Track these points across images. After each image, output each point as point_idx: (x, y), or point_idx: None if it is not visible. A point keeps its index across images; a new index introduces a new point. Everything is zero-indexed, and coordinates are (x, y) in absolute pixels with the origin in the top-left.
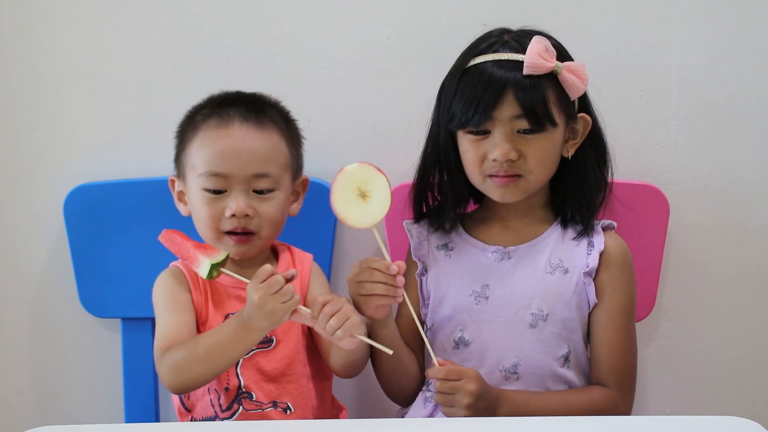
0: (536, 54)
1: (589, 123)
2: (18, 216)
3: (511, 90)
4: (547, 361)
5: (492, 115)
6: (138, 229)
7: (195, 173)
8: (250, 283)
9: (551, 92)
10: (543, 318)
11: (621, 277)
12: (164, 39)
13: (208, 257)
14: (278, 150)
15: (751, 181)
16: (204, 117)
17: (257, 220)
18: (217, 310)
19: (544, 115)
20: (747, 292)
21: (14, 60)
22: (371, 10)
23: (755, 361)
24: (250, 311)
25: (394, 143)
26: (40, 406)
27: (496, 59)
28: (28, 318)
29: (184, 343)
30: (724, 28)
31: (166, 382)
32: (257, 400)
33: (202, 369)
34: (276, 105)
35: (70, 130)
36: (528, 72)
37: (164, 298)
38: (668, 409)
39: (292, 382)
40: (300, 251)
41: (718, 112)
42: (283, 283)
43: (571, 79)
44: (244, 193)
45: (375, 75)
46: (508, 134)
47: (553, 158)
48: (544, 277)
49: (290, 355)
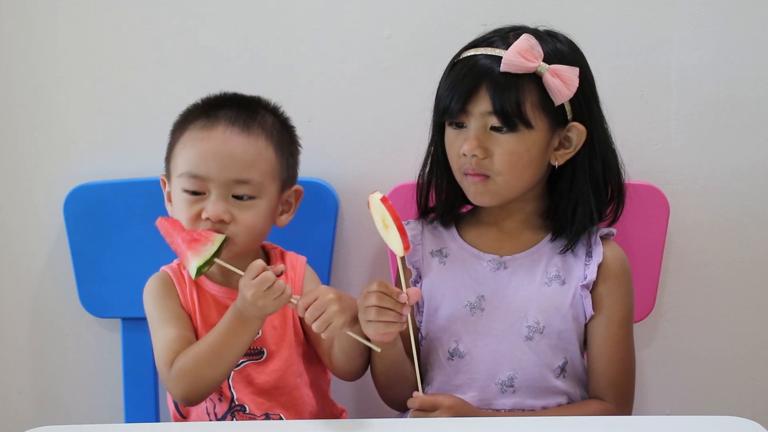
0: (516, 52)
1: (584, 133)
2: (18, 216)
3: (485, 84)
4: (543, 373)
5: (466, 108)
6: (138, 229)
7: (176, 173)
8: (242, 279)
9: (531, 93)
10: (539, 330)
11: (619, 289)
12: (164, 39)
13: (196, 256)
14: (263, 157)
15: (751, 181)
16: (193, 118)
17: (234, 226)
18: (204, 320)
19: (515, 114)
20: (747, 292)
21: (14, 60)
22: (371, 10)
23: (755, 361)
24: (244, 305)
25: (394, 143)
26: (40, 406)
27: (482, 53)
28: (28, 318)
29: (187, 351)
30: (724, 28)
31: (179, 394)
32: (250, 412)
33: (212, 370)
34: (273, 110)
35: (70, 130)
36: (504, 69)
37: (157, 308)
38: (668, 409)
39: (284, 395)
40: (293, 254)
41: (718, 112)
42: (274, 280)
43: (554, 82)
44: (222, 197)
45: (375, 75)
46: (479, 129)
47: (527, 162)
48: (540, 289)
49: (282, 368)
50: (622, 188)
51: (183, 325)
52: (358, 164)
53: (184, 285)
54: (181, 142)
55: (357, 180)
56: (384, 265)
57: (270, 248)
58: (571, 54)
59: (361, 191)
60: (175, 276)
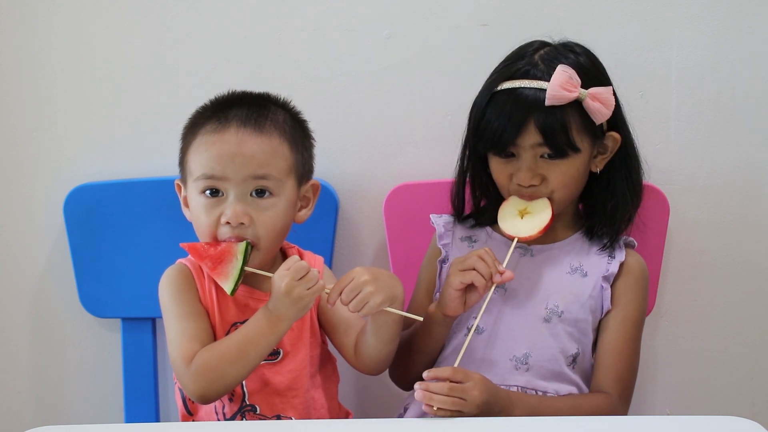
0: (558, 86)
1: (618, 141)
2: (18, 216)
3: (533, 119)
4: (557, 357)
5: (516, 142)
6: (138, 229)
7: (192, 178)
8: (277, 272)
9: (574, 119)
10: (558, 314)
11: (637, 288)
12: (164, 39)
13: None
14: (279, 154)
15: (750, 180)
16: (204, 120)
17: (253, 229)
18: (222, 317)
19: (565, 143)
20: (747, 292)
21: (14, 60)
22: (371, 10)
23: (755, 361)
24: (276, 300)
25: (394, 143)
26: (40, 406)
27: (522, 86)
28: (28, 318)
29: (211, 347)
30: (724, 28)
31: (196, 390)
32: (261, 413)
33: (235, 369)
34: (284, 105)
35: (70, 130)
36: (550, 103)
37: (175, 302)
38: (668, 409)
39: (297, 396)
40: (311, 254)
41: (718, 112)
42: (308, 269)
43: (595, 106)
44: (240, 198)
45: (375, 75)
46: (530, 160)
47: (578, 179)
48: (563, 277)
49: (297, 368)
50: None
51: (202, 320)
52: (358, 164)
53: (203, 279)
54: (194, 145)
55: (357, 180)
56: (384, 265)
57: (287, 247)
58: (593, 67)
59: (361, 191)
60: (194, 269)
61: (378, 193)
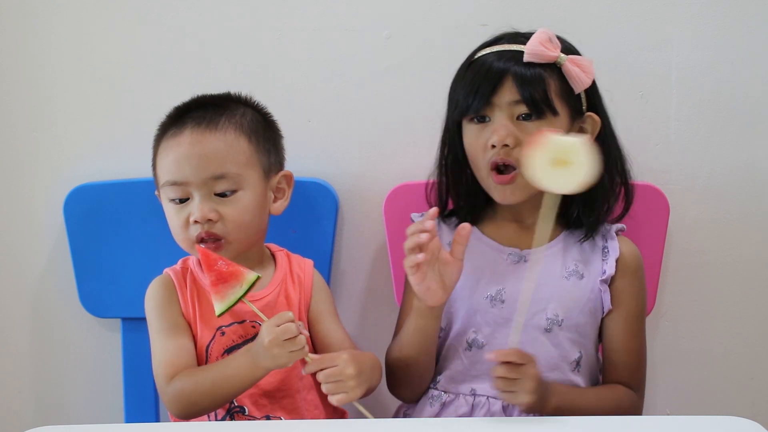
0: (538, 42)
1: (598, 123)
2: (18, 216)
3: (510, 76)
4: (560, 366)
5: (491, 100)
6: (138, 229)
7: (159, 185)
8: (265, 324)
9: (553, 82)
10: (558, 323)
11: (636, 283)
12: (164, 39)
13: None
14: (234, 148)
15: (751, 180)
16: (166, 127)
17: (222, 224)
18: (205, 324)
19: (543, 100)
20: (747, 292)
21: (14, 60)
22: (371, 10)
23: (755, 361)
24: (258, 349)
25: (394, 143)
26: (40, 406)
27: (499, 50)
28: (28, 318)
29: (190, 374)
30: (724, 28)
31: (173, 410)
32: (250, 414)
33: (207, 401)
34: (245, 101)
35: (69, 131)
36: (528, 59)
37: (157, 317)
38: (668, 409)
39: (286, 398)
40: (299, 257)
41: (718, 112)
42: (297, 333)
43: (574, 71)
44: (205, 197)
45: (375, 75)
46: (507, 119)
47: None
48: (560, 282)
49: (285, 370)
50: (630, 184)
51: (183, 335)
52: (358, 164)
53: (185, 289)
54: (159, 153)
55: (357, 180)
56: (384, 266)
57: (276, 251)
58: (576, 49)
59: (361, 191)
60: (176, 279)
61: (378, 193)
